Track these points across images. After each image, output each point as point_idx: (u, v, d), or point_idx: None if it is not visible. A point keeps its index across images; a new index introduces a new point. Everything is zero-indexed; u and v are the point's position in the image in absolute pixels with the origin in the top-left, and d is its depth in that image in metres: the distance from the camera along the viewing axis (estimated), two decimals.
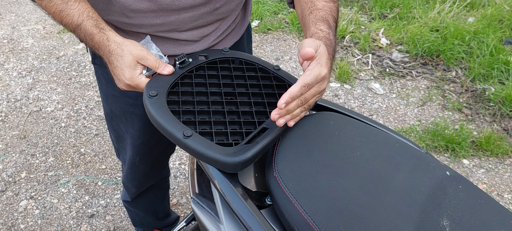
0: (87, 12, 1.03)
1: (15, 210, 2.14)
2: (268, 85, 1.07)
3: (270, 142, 0.90)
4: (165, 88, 0.97)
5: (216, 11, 1.15)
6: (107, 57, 1.02)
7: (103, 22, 1.04)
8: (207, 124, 0.95)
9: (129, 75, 1.00)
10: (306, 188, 0.83)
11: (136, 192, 1.68)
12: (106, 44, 1.01)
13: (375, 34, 3.56)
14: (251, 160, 0.87)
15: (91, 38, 1.02)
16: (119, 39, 1.01)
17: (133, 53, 0.99)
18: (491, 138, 2.52)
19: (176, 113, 0.94)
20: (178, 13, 1.10)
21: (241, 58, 1.12)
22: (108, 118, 1.43)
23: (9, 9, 3.98)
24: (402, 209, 0.81)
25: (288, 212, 0.83)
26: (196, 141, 0.87)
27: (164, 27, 1.13)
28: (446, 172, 0.92)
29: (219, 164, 0.86)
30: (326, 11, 1.05)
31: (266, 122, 0.95)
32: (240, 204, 0.85)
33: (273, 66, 1.11)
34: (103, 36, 1.01)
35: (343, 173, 0.87)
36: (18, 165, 2.38)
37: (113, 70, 1.02)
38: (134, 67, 1.00)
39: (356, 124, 1.01)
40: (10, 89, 2.95)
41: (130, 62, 0.99)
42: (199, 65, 1.07)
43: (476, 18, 3.63)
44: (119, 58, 0.99)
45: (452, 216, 0.83)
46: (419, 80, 3.13)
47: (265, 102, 1.01)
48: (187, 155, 2.47)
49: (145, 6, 1.06)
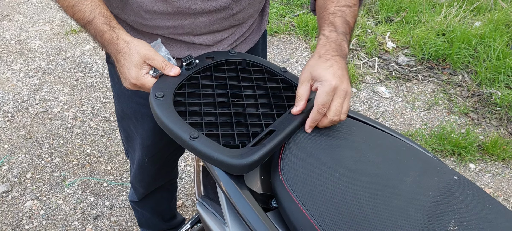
0: (100, 9, 1.03)
1: (20, 211, 2.15)
2: (275, 88, 1.06)
3: (277, 145, 0.89)
4: (171, 89, 0.97)
5: (232, 17, 1.15)
6: (115, 55, 1.02)
7: (114, 20, 1.04)
8: (213, 126, 0.94)
9: (135, 74, 0.99)
10: (313, 191, 0.83)
11: (144, 193, 1.68)
12: (115, 42, 1.01)
13: (382, 38, 3.55)
14: (258, 163, 0.86)
15: (101, 35, 1.02)
16: (128, 37, 1.01)
17: (140, 52, 0.99)
18: (497, 142, 2.51)
19: (183, 114, 0.93)
20: (194, 17, 1.10)
21: (248, 60, 1.11)
22: (119, 117, 1.43)
23: (17, 10, 4.00)
24: (409, 213, 0.81)
25: (294, 215, 0.83)
26: (202, 142, 0.86)
27: (179, 30, 1.12)
28: (454, 176, 0.91)
29: (225, 166, 0.86)
30: (336, 14, 1.04)
31: (273, 124, 0.94)
32: (246, 207, 0.85)
33: (280, 68, 1.11)
34: (113, 34, 1.01)
35: (349, 176, 0.86)
36: (23, 165, 2.39)
37: (120, 68, 1.02)
38: (140, 67, 0.99)
39: (362, 127, 1.01)
40: (17, 89, 2.97)
41: (137, 61, 0.99)
42: (206, 67, 1.06)
43: (482, 22, 3.61)
44: (126, 57, 0.99)
45: (460, 221, 0.82)
46: (425, 84, 3.11)
47: (272, 105, 1.01)
48: (192, 156, 2.48)
49: (161, 8, 1.06)
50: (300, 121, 0.94)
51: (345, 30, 1.01)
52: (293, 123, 0.93)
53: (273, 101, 1.02)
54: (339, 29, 1.00)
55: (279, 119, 0.95)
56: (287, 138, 0.92)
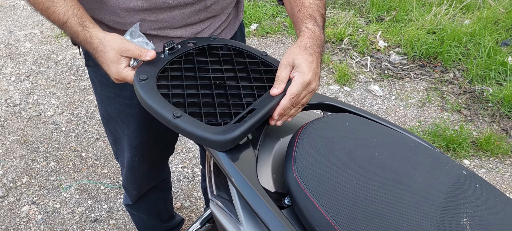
0: (72, 9, 1.02)
1: (17, 216, 2.12)
2: (255, 70, 1.09)
3: (257, 121, 0.93)
4: (154, 72, 0.99)
5: (207, 9, 1.17)
6: (94, 54, 1.03)
7: (87, 18, 1.04)
8: (196, 106, 0.97)
9: (115, 70, 1.00)
10: (328, 188, 0.84)
11: (137, 195, 1.67)
12: (90, 42, 1.01)
13: (373, 37, 3.58)
14: (239, 138, 0.89)
15: (76, 36, 1.03)
16: (101, 34, 1.01)
17: (114, 47, 0.99)
18: (491, 138, 2.54)
19: (166, 96, 0.96)
20: (170, 10, 1.11)
21: (229, 45, 1.14)
22: (104, 120, 1.43)
23: (5, 13, 3.96)
24: (423, 208, 0.82)
25: (310, 213, 0.83)
26: (186, 121, 0.89)
27: (156, 24, 1.14)
28: (463, 171, 0.93)
29: (208, 142, 0.88)
30: (313, 8, 1.09)
31: (254, 103, 0.97)
32: (262, 205, 0.85)
33: (260, 52, 1.14)
34: (86, 33, 1.01)
35: (363, 173, 0.87)
36: (18, 170, 2.37)
37: (102, 65, 1.03)
38: (118, 62, 1.00)
39: (371, 124, 1.02)
40: (8, 94, 2.93)
41: (113, 57, 0.99)
42: (188, 52, 1.09)
43: (472, 20, 3.66)
44: (103, 55, 1.00)
45: (471, 215, 0.84)
46: (417, 82, 3.15)
47: (253, 86, 1.04)
48: (189, 157, 2.47)
49: (137, 4, 1.07)
50: (278, 100, 0.97)
51: (323, 25, 1.08)
52: (272, 101, 0.96)
53: (254, 83, 1.05)
54: (319, 24, 1.06)
55: (259, 98, 0.98)
56: (266, 115, 0.95)
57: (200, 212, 2.20)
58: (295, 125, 1.08)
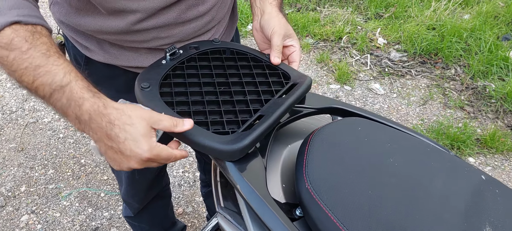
0: (75, 72, 0.82)
1: (16, 226, 2.08)
2: (261, 74, 1.06)
3: (267, 128, 0.89)
4: (157, 80, 0.95)
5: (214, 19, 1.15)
6: (106, 130, 0.79)
7: (93, 86, 0.85)
8: (202, 114, 0.93)
9: (148, 147, 0.79)
10: (342, 199, 0.80)
11: (138, 207, 1.63)
12: (103, 113, 0.79)
13: (372, 34, 3.54)
14: (249, 147, 0.86)
15: (78, 105, 0.80)
16: (117, 104, 0.82)
17: (144, 117, 0.80)
18: (495, 135, 2.51)
19: (170, 104, 0.92)
20: (182, 25, 1.08)
21: (232, 48, 1.11)
22: None
23: None
24: (444, 217, 0.78)
25: (324, 224, 0.79)
26: (192, 130, 0.85)
27: (168, 40, 1.09)
28: (482, 176, 0.89)
29: (217, 152, 0.84)
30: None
31: (262, 109, 0.94)
32: (272, 217, 0.81)
33: (265, 55, 1.10)
34: (98, 102, 0.80)
35: (378, 181, 0.83)
36: (16, 178, 2.32)
37: (120, 146, 0.79)
38: (150, 135, 0.80)
39: (383, 128, 0.98)
40: (4, 101, 2.88)
41: (144, 130, 0.79)
42: (190, 57, 1.05)
43: (471, 15, 3.63)
44: (128, 128, 0.78)
45: (493, 223, 0.80)
46: (418, 79, 3.11)
47: (259, 91, 1.00)
48: (190, 162, 2.43)
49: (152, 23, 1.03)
50: (288, 105, 0.95)
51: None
52: (281, 107, 0.94)
53: (260, 88, 1.01)
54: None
55: (267, 104, 0.95)
56: (276, 122, 0.92)
57: (202, 218, 2.16)
58: (304, 130, 1.04)
